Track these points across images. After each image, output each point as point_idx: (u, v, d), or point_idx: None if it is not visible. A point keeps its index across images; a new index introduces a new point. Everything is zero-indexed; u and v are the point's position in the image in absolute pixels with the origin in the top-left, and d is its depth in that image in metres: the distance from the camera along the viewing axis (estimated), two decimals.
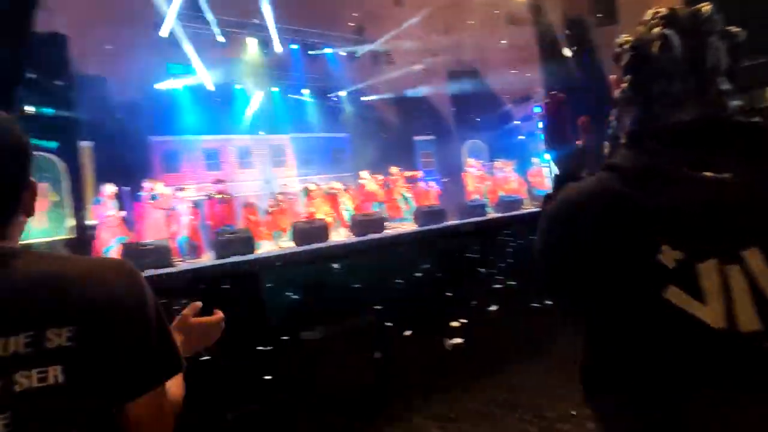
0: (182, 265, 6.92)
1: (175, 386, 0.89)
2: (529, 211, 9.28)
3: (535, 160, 12.74)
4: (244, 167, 14.35)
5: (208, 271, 5.60)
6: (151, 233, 7.36)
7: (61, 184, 8.84)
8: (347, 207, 10.08)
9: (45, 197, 8.45)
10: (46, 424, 0.69)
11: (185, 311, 1.11)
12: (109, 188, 7.39)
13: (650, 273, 0.79)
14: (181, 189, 8.39)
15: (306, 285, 4.78)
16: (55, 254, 0.94)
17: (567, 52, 11.85)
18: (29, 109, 7.73)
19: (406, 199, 10.80)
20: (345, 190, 10.58)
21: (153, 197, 7.60)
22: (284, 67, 14.72)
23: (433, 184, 12.44)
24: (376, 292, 3.84)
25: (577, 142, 1.13)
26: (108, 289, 0.77)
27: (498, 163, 12.75)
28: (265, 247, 8.00)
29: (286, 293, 4.51)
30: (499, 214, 9.20)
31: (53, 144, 8.20)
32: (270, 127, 14.59)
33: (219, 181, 8.71)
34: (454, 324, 2.51)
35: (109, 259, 1.08)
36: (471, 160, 12.72)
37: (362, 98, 16.11)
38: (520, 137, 14.47)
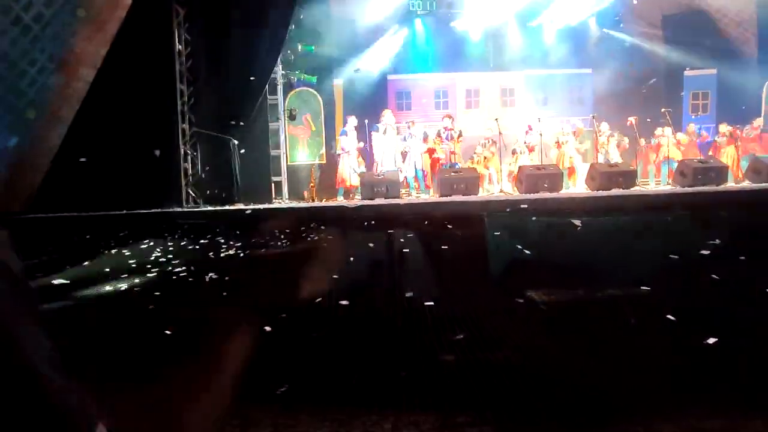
0: (409, 198, 7.17)
1: None
2: None
3: None
4: (471, 107, 13.94)
5: (432, 207, 5.56)
6: (384, 164, 7.83)
7: (320, 117, 10.21)
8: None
9: (309, 127, 9.95)
10: None
11: None
12: (351, 121, 8.12)
13: None
14: (412, 123, 8.60)
15: (536, 238, 4.19)
16: None
17: None
18: (298, 47, 8.89)
19: None
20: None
21: (374, 127, 8.06)
22: None
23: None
24: (637, 264, 2.99)
25: None
26: None
27: None
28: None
29: (513, 244, 4.04)
30: None
31: (314, 79, 9.37)
32: (502, 63, 13.57)
33: (447, 117, 8.57)
34: None
35: None
36: None
37: (613, 24, 13.25)
38: None
